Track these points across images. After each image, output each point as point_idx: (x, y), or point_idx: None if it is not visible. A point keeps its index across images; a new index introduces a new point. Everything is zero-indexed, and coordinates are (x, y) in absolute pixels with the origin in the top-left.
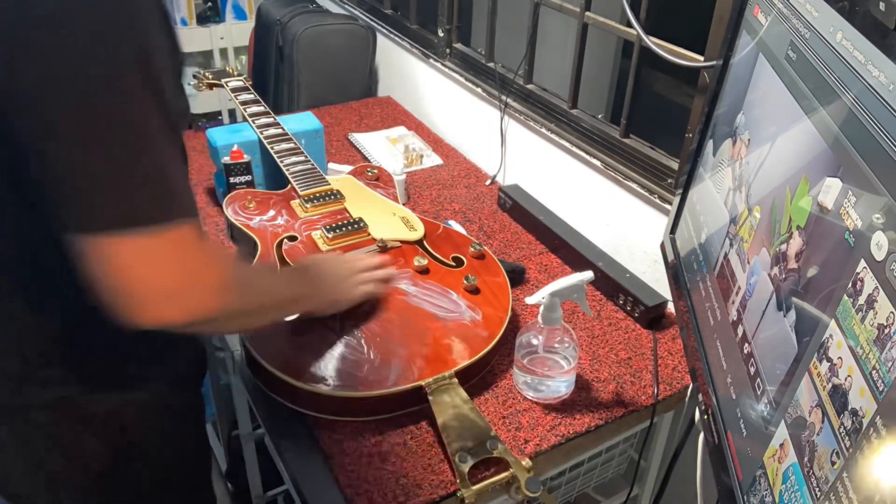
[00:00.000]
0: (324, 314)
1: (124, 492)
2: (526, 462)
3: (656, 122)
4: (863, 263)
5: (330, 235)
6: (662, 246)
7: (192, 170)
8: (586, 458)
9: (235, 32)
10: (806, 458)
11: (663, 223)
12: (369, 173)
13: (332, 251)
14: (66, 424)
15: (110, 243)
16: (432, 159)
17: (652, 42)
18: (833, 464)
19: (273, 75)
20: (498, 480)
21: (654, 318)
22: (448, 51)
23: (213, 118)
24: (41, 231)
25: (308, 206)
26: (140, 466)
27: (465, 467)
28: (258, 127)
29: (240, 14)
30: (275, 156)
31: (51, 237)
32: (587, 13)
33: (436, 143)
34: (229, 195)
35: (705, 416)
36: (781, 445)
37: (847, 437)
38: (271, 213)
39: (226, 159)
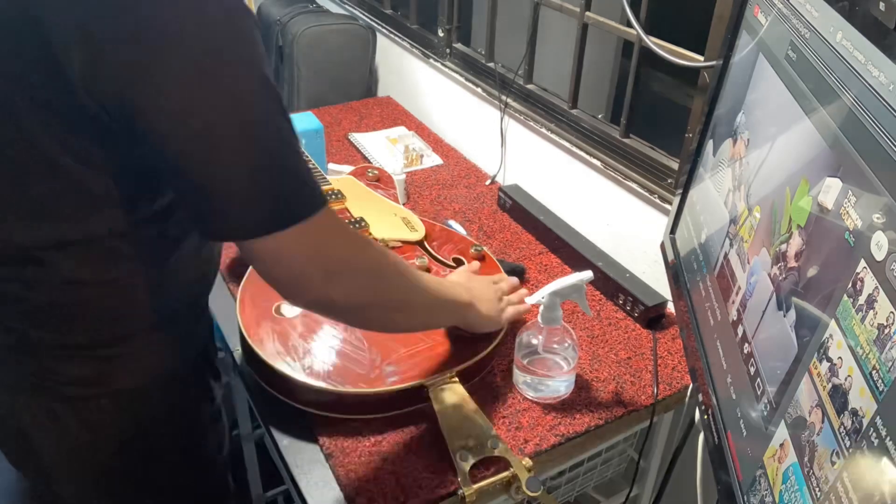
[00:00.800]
0: (473, 330)
1: (142, 464)
2: (526, 462)
3: (656, 122)
4: (863, 263)
5: None
6: (662, 246)
7: None
8: (586, 457)
9: None
10: (806, 458)
11: (663, 223)
12: (370, 174)
13: None
14: (95, 400)
15: (274, 240)
16: (432, 159)
17: (652, 42)
18: (833, 464)
19: (273, 75)
20: (498, 480)
21: (653, 318)
22: (448, 51)
23: None
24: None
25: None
26: (158, 438)
27: (466, 466)
28: None
29: None
30: None
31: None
32: (587, 13)
33: (436, 143)
34: None
35: (705, 416)
36: (781, 445)
37: (847, 437)
38: None
39: None
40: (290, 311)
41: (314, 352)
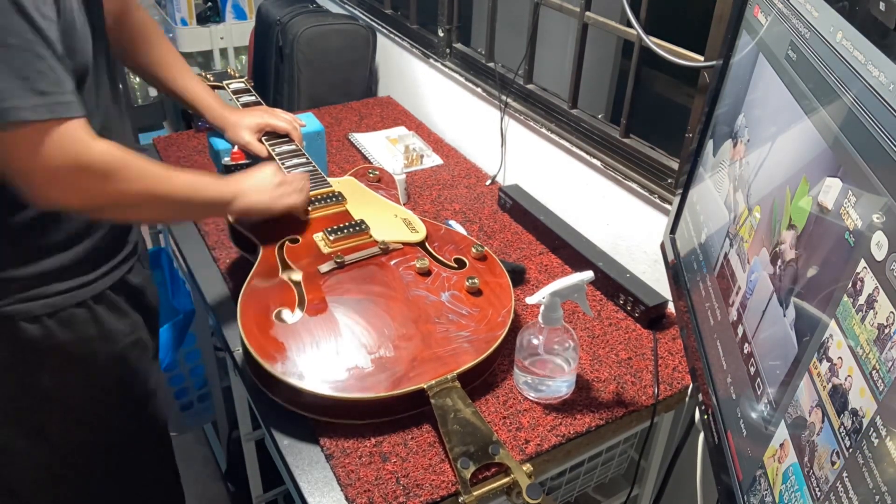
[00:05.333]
0: (243, 216)
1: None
2: (527, 468)
3: (656, 122)
4: (863, 263)
5: (331, 238)
6: (662, 246)
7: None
8: (586, 458)
9: (235, 32)
10: (806, 458)
11: (663, 223)
12: (371, 174)
13: (334, 253)
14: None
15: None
16: (432, 159)
17: (652, 42)
18: (833, 464)
19: (273, 75)
20: (499, 486)
21: (654, 318)
22: (448, 51)
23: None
24: None
25: (309, 208)
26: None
27: (467, 473)
28: None
29: (240, 14)
30: (276, 158)
31: None
32: (587, 13)
33: (436, 143)
34: None
35: (705, 416)
36: (781, 445)
37: (847, 437)
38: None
39: (226, 160)
40: (290, 317)
41: (313, 358)
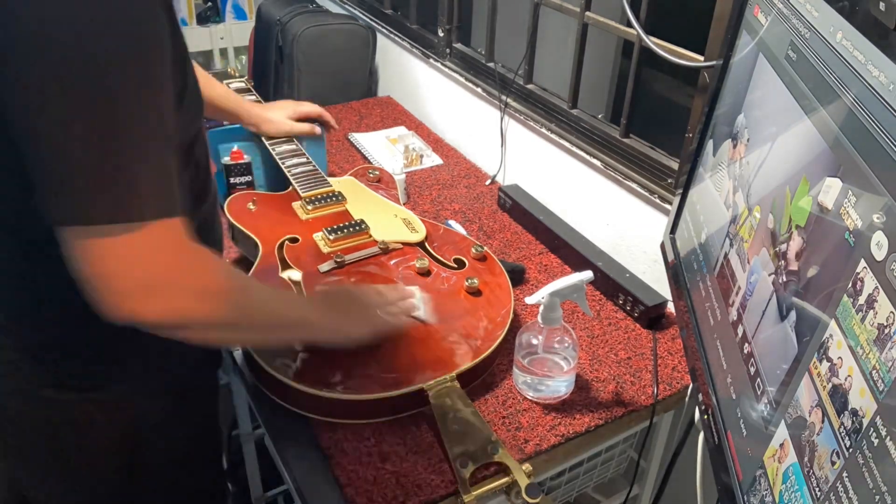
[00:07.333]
0: (335, 346)
1: (137, 474)
2: (526, 467)
3: (656, 122)
4: (863, 263)
5: (331, 237)
6: (662, 246)
7: None
8: (586, 457)
9: (235, 32)
10: (806, 458)
11: (663, 223)
12: (371, 174)
13: (334, 253)
14: (80, 406)
15: (87, 235)
16: (432, 159)
17: (652, 42)
18: (833, 464)
19: (273, 75)
20: (499, 486)
21: (653, 318)
22: (448, 51)
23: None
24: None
25: (309, 207)
26: (149, 450)
27: (466, 473)
28: None
29: (240, 14)
30: (276, 158)
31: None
32: (587, 13)
33: (436, 143)
34: (231, 196)
35: (705, 416)
36: (781, 445)
37: (847, 437)
38: (273, 214)
39: (226, 160)
40: None
41: (312, 358)
